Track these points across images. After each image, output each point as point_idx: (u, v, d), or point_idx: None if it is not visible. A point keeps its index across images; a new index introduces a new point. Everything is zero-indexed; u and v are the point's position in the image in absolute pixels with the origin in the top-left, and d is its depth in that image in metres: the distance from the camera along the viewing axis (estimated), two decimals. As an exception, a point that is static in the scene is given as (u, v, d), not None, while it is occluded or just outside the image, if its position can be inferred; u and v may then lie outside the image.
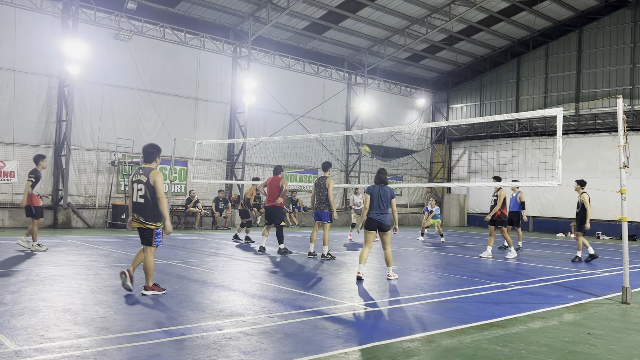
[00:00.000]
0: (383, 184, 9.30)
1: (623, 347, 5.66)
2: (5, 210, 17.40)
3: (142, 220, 7.25)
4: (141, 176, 7.25)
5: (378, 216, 9.13)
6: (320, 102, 26.15)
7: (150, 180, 7.17)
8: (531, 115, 10.92)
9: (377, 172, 9.44)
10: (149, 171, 7.24)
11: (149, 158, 7.42)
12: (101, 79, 19.41)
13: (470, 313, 6.91)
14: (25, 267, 9.18)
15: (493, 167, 29.05)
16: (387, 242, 9.30)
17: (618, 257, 13.95)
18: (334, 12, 22.68)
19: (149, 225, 7.26)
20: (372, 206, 9.16)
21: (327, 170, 11.99)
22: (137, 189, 7.24)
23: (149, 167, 7.32)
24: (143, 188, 7.20)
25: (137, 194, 7.24)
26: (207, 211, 20.90)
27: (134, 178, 7.33)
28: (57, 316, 5.94)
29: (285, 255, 12.46)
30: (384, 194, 9.20)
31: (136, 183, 7.28)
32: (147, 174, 7.22)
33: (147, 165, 7.39)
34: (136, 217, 7.29)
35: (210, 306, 6.77)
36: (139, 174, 7.30)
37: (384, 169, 9.48)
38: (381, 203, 9.16)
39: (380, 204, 9.15)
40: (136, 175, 7.33)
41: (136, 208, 7.26)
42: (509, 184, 14.83)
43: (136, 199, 7.25)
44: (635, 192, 22.43)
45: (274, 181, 12.74)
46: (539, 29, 27.05)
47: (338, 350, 5.08)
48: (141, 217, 7.24)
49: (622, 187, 8.18)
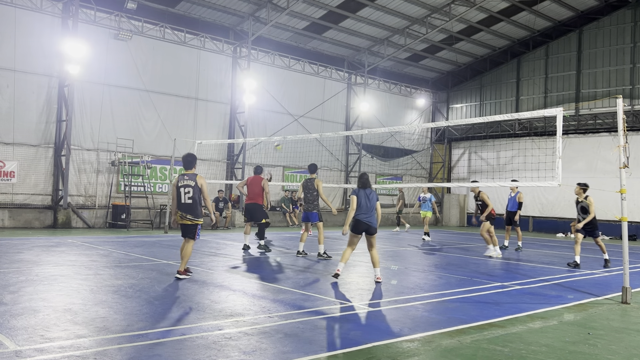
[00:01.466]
0: (367, 188, 9.18)
1: (623, 347, 5.66)
2: (5, 210, 17.40)
3: (190, 218, 8.57)
4: (188, 181, 8.58)
5: (367, 218, 8.98)
6: (320, 102, 26.15)
7: (197, 184, 8.56)
8: (531, 115, 10.92)
9: (360, 176, 9.36)
10: (195, 176, 8.63)
11: (189, 165, 8.73)
12: (101, 79, 19.41)
13: (470, 313, 6.91)
14: (25, 267, 9.18)
15: (493, 167, 29.07)
16: (374, 245, 9.15)
17: (618, 257, 13.94)
18: (334, 12, 22.68)
19: (196, 221, 8.60)
20: (360, 208, 9.00)
21: (314, 172, 12.32)
22: (185, 192, 8.55)
23: (192, 173, 8.68)
24: (191, 191, 8.54)
25: (185, 197, 8.56)
26: (207, 211, 20.86)
27: (181, 183, 8.59)
28: (57, 316, 5.94)
29: (264, 252, 12.56)
30: (371, 197, 9.10)
31: (183, 187, 8.57)
32: (193, 179, 8.58)
33: (190, 172, 8.71)
34: (184, 216, 8.58)
35: (210, 306, 6.77)
36: (185, 180, 8.60)
37: (365, 173, 9.43)
38: (368, 205, 9.03)
39: (368, 207, 9.02)
40: (182, 181, 8.61)
41: (184, 208, 8.58)
42: (508, 184, 14.84)
43: (184, 200, 8.57)
44: (635, 192, 22.42)
45: (256, 180, 12.53)
46: (539, 29, 27.05)
47: (338, 350, 5.08)
48: (189, 214, 8.56)
49: (622, 187, 8.18)
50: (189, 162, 8.75)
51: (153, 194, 20.39)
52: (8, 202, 17.61)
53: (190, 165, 8.75)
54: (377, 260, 9.11)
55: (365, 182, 9.23)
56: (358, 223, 8.98)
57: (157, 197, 20.64)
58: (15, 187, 17.76)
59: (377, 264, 9.10)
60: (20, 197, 17.90)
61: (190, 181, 8.56)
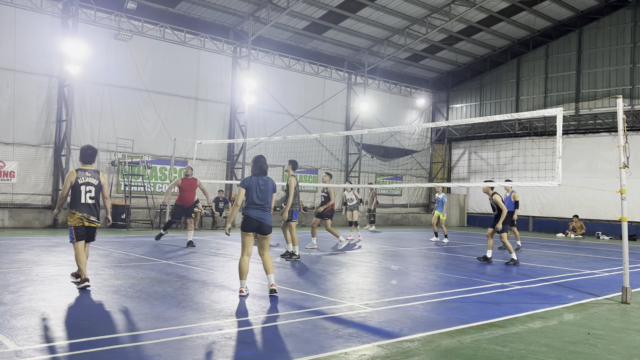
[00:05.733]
0: (262, 174, 7.65)
1: (623, 347, 5.66)
2: (5, 210, 17.40)
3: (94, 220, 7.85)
4: (90, 178, 7.78)
5: (258, 214, 7.47)
6: (320, 102, 26.15)
7: (101, 182, 7.84)
8: (531, 115, 10.91)
9: (255, 159, 7.72)
10: (97, 174, 7.88)
11: (89, 159, 7.92)
12: (101, 79, 19.41)
13: (470, 313, 6.91)
14: (25, 267, 9.18)
15: (493, 167, 29.06)
16: (266, 247, 7.64)
17: (618, 257, 13.95)
18: (334, 12, 22.68)
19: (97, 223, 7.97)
20: (250, 202, 7.51)
21: (294, 169, 11.79)
22: (87, 190, 7.76)
23: (94, 170, 7.93)
24: (93, 190, 7.78)
25: (86, 196, 7.74)
26: (207, 211, 20.91)
27: (82, 180, 7.70)
28: (57, 316, 5.95)
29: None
30: (264, 187, 7.56)
31: (85, 185, 7.76)
32: (96, 177, 7.84)
33: (90, 167, 7.91)
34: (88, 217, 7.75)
35: (210, 306, 6.77)
36: (87, 176, 7.77)
37: (262, 156, 7.81)
38: (259, 197, 7.49)
39: (259, 199, 7.49)
40: (83, 178, 7.77)
41: (86, 209, 7.77)
42: (502, 184, 14.84)
43: (85, 200, 7.78)
44: (635, 192, 22.42)
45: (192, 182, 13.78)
46: (539, 29, 27.05)
47: (338, 350, 5.08)
48: (92, 216, 7.83)
49: (622, 187, 8.18)
50: (89, 156, 7.88)
51: (153, 194, 20.39)
52: (8, 202, 17.61)
53: (91, 159, 7.92)
54: (271, 266, 7.64)
55: (262, 167, 7.67)
56: (248, 220, 7.50)
57: (157, 197, 20.64)
58: (15, 187, 17.76)
59: (270, 270, 7.62)
60: (20, 197, 17.90)
61: (93, 179, 7.76)
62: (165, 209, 19.31)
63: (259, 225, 7.47)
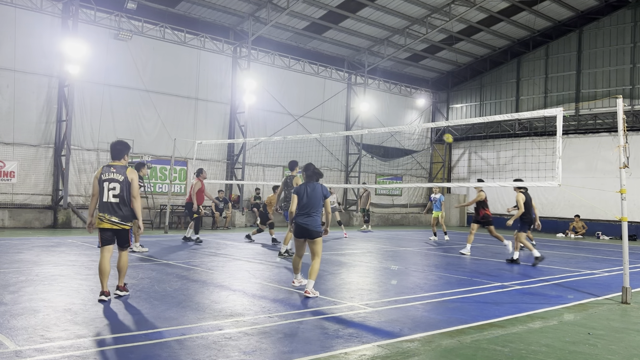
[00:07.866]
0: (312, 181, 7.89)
1: (623, 347, 5.66)
2: (5, 210, 17.40)
3: (117, 221, 7.02)
4: (115, 174, 7.07)
5: (303, 220, 7.70)
6: (320, 102, 26.14)
7: (128, 178, 7.03)
8: (531, 115, 10.92)
9: (304, 168, 7.99)
10: (124, 169, 7.11)
11: (119, 155, 7.18)
12: (101, 79, 19.41)
13: (470, 313, 6.91)
14: (25, 267, 9.18)
15: (493, 167, 29.06)
16: (316, 252, 7.76)
17: (618, 257, 13.94)
18: (334, 12, 22.68)
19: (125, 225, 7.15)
20: (299, 208, 7.79)
21: (295, 169, 11.65)
22: (110, 187, 7.06)
23: (122, 165, 7.12)
24: (117, 187, 7.04)
25: (109, 194, 7.05)
26: (207, 211, 20.90)
27: (105, 177, 7.05)
28: (57, 316, 5.94)
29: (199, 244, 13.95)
30: (312, 193, 7.76)
31: (108, 182, 7.10)
32: (122, 172, 7.08)
33: (118, 163, 7.15)
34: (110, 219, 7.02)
35: (210, 306, 6.77)
36: (112, 172, 7.08)
37: (311, 163, 8.07)
38: (306, 204, 7.73)
39: (306, 205, 7.73)
40: (107, 174, 7.10)
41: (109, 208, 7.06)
42: (512, 184, 14.81)
43: (108, 198, 7.08)
44: (635, 192, 22.41)
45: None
46: (539, 29, 27.05)
47: (338, 350, 5.08)
48: (114, 217, 7.01)
49: (622, 187, 8.18)
50: (118, 151, 7.14)
51: (153, 194, 20.39)
52: (8, 202, 17.61)
53: (120, 154, 7.15)
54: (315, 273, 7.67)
55: (312, 174, 7.89)
56: (297, 226, 7.77)
57: (157, 197, 20.64)
58: (15, 187, 17.76)
59: (313, 276, 7.65)
60: (20, 197, 17.90)
61: (118, 175, 6.98)
62: (165, 209, 19.23)
63: (305, 230, 7.73)
